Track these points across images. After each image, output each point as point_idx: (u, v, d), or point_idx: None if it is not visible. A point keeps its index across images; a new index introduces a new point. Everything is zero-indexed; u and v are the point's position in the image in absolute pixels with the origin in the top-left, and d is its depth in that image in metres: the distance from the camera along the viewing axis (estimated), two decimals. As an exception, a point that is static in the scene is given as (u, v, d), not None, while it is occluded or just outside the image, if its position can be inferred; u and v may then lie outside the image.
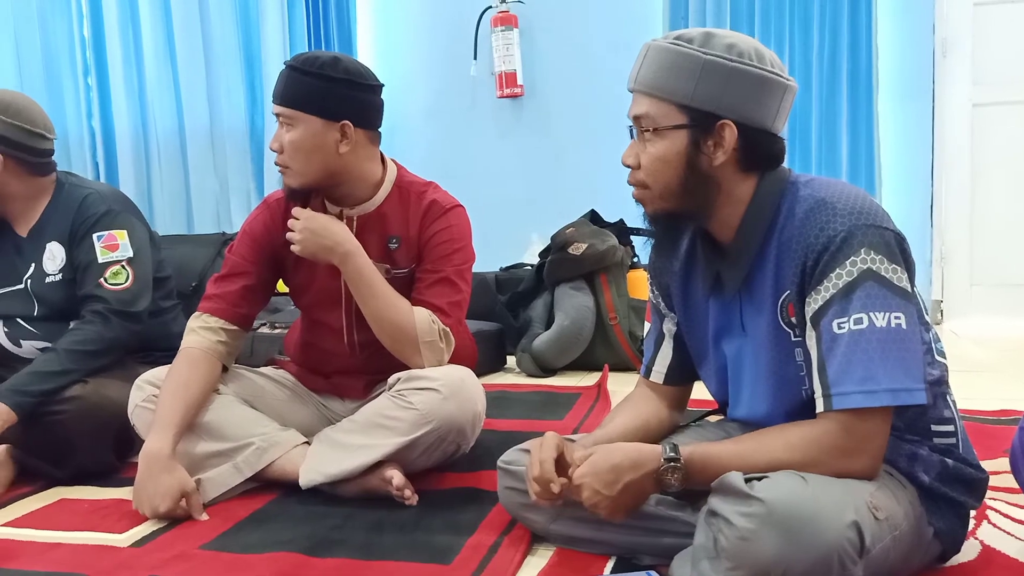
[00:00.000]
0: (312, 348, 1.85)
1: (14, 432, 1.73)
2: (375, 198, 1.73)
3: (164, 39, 3.89)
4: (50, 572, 1.35)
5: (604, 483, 1.15)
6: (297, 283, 1.81)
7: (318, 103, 1.62)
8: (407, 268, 1.74)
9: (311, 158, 1.64)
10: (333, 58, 1.64)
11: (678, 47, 1.16)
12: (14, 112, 1.89)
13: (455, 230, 1.74)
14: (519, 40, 3.59)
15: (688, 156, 1.16)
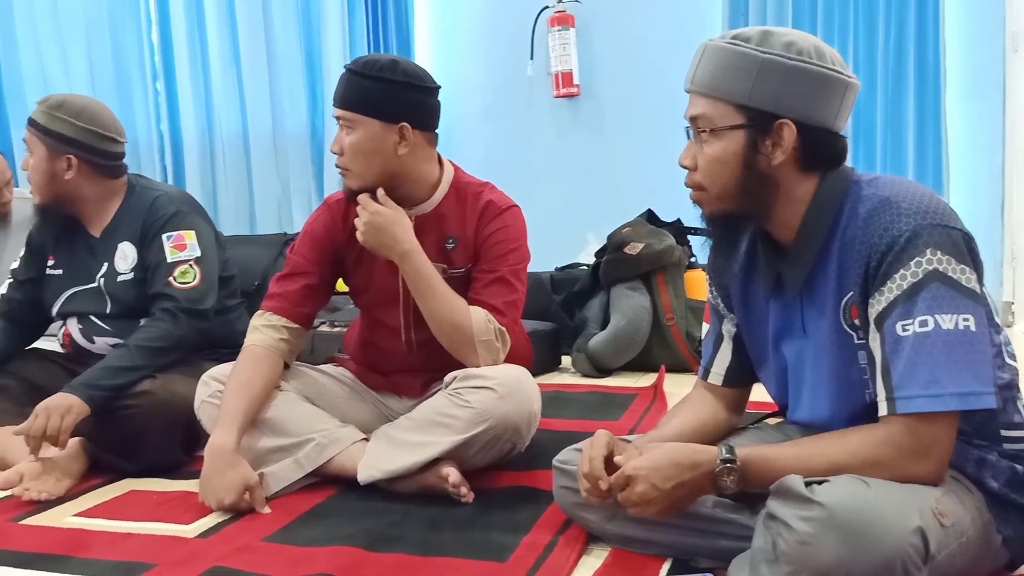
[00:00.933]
0: (371, 346, 1.88)
1: (87, 425, 1.79)
2: (432, 199, 1.75)
3: (229, 45, 3.99)
4: (122, 561, 1.40)
5: (661, 477, 1.14)
6: (356, 282, 1.84)
7: (377, 106, 1.64)
8: (463, 268, 1.75)
9: (370, 160, 1.66)
10: (392, 61, 1.66)
11: (735, 46, 1.14)
12: (87, 117, 1.97)
13: (511, 230, 1.75)
14: (576, 40, 3.59)
15: (745, 156, 1.15)
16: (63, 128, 1.94)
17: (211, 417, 1.71)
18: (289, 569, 1.33)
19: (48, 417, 1.72)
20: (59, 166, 1.96)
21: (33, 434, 1.71)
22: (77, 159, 1.96)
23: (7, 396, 1.99)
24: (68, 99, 1.99)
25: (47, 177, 1.97)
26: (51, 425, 1.71)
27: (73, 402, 1.75)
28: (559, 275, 3.30)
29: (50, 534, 1.54)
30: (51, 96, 2.00)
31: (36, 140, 1.96)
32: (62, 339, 2.10)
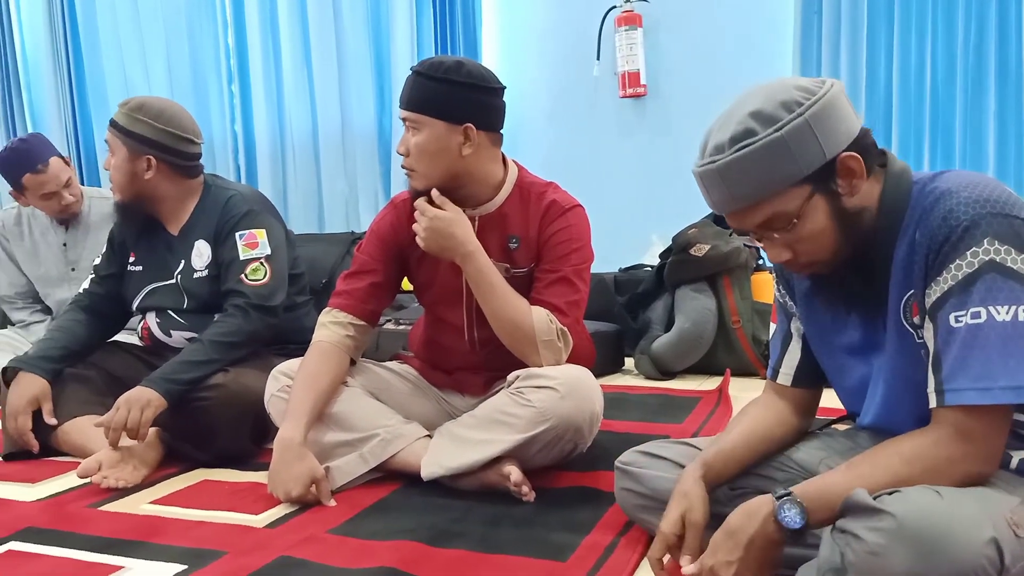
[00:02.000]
0: (434, 344, 1.90)
1: (163, 417, 1.86)
2: (496, 199, 1.76)
3: (301, 47, 4.07)
4: (194, 548, 1.44)
5: (728, 550, 1.11)
6: (421, 281, 1.86)
7: (442, 107, 1.66)
8: (526, 267, 1.76)
9: (435, 161, 1.68)
10: (457, 63, 1.67)
11: (753, 145, 1.09)
12: (166, 119, 2.03)
13: (574, 230, 1.75)
14: (643, 40, 3.56)
15: (833, 211, 1.12)
16: (143, 130, 2.02)
17: (280, 411, 1.75)
18: (352, 561, 1.35)
19: (129, 410, 1.79)
20: (139, 166, 2.03)
21: (114, 426, 1.78)
22: (156, 159, 2.03)
23: (89, 386, 2.08)
24: (148, 101, 2.06)
25: (128, 177, 2.04)
26: (131, 418, 1.78)
27: (152, 396, 1.82)
28: (623, 276, 3.28)
29: (127, 520, 1.60)
30: (132, 99, 2.07)
31: (118, 141, 2.04)
32: (141, 332, 2.18)
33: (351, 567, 1.33)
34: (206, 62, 4.28)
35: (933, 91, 3.21)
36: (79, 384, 2.06)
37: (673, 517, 1.22)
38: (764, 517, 1.09)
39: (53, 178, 2.62)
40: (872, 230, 1.14)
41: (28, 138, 2.75)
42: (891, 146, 3.24)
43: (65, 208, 2.68)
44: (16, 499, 1.75)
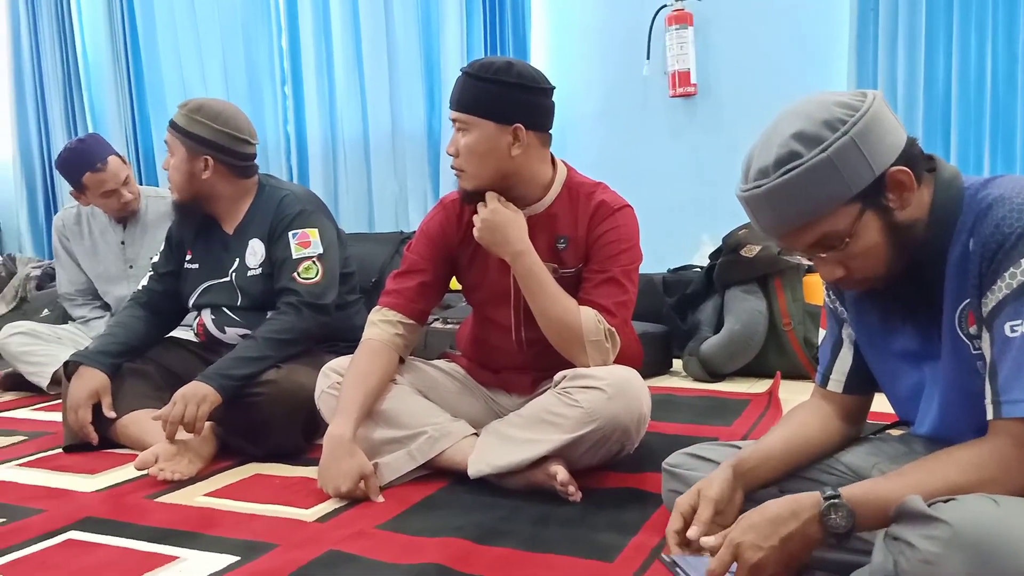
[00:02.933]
0: (482, 343, 1.91)
1: (217, 411, 1.90)
2: (545, 199, 1.77)
3: (352, 50, 4.12)
4: (246, 540, 1.47)
5: (762, 536, 1.09)
6: (470, 281, 1.88)
7: (491, 107, 1.66)
8: (574, 268, 1.76)
9: (485, 161, 1.69)
10: (506, 63, 1.68)
11: (798, 168, 1.07)
12: (223, 120, 2.08)
13: (623, 230, 1.74)
14: (693, 38, 3.53)
15: (885, 227, 1.10)
16: (201, 131, 2.06)
17: (330, 407, 1.77)
18: (401, 556, 1.37)
19: (185, 405, 1.83)
20: (197, 166, 2.08)
21: (171, 420, 1.83)
22: (214, 160, 2.08)
23: (146, 381, 2.13)
24: (206, 103, 2.10)
25: (186, 176, 2.09)
26: (188, 413, 1.82)
27: (207, 391, 1.86)
28: (672, 277, 3.26)
29: (182, 512, 1.63)
30: (191, 100, 2.12)
31: (176, 142, 2.09)
32: (196, 329, 2.23)
33: (399, 563, 1.34)
34: (260, 65, 4.36)
35: (994, 91, 3.12)
36: (137, 378, 2.12)
37: (691, 491, 1.24)
38: (809, 517, 1.08)
39: (112, 176, 2.69)
40: (924, 240, 1.12)
41: (86, 138, 2.83)
42: (950, 149, 3.16)
43: (124, 206, 2.76)
44: (76, 489, 1.80)
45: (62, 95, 4.84)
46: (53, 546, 1.48)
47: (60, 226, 2.94)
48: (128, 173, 2.74)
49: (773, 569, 1.10)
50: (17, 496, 1.76)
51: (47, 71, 4.88)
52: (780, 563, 1.10)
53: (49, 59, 4.85)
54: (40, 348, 2.71)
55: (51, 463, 2.01)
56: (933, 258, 1.13)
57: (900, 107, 3.17)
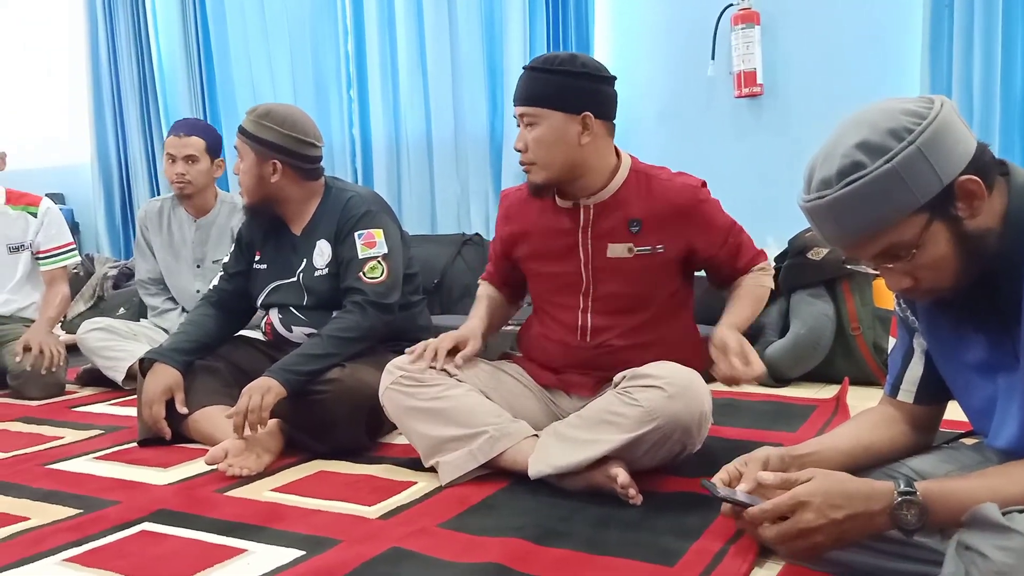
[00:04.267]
0: (544, 340, 1.91)
1: (284, 408, 1.94)
2: (610, 185, 1.78)
3: (417, 52, 4.17)
4: (311, 535, 1.50)
5: (831, 505, 1.07)
6: (535, 268, 1.90)
7: (559, 98, 1.69)
8: (651, 247, 1.77)
9: (554, 151, 1.71)
10: (570, 55, 1.72)
11: (863, 179, 1.04)
12: (290, 124, 2.13)
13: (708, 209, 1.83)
14: (760, 38, 3.47)
15: (954, 237, 1.07)
16: (270, 135, 2.11)
17: (395, 404, 1.80)
18: (461, 555, 1.38)
19: (250, 396, 1.88)
20: (266, 170, 2.13)
21: (237, 411, 1.88)
22: (282, 163, 2.13)
23: (217, 377, 2.19)
24: (274, 108, 2.15)
25: (255, 180, 2.14)
26: (252, 403, 1.87)
27: (272, 384, 1.90)
28: (736, 280, 3.21)
29: (250, 505, 1.67)
30: (259, 106, 2.18)
31: (246, 147, 2.14)
32: (264, 327, 2.28)
33: (459, 561, 1.36)
34: (327, 69, 4.44)
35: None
36: (208, 375, 2.18)
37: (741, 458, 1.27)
38: (880, 509, 1.06)
39: (183, 147, 2.78)
40: (997, 249, 1.08)
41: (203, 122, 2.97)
42: (1029, 151, 3.04)
43: (178, 181, 2.81)
44: (150, 482, 1.86)
45: (138, 101, 5.00)
46: (128, 536, 1.54)
47: (143, 216, 3.04)
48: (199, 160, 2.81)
49: (822, 539, 1.09)
50: (94, 488, 1.83)
51: (124, 78, 5.06)
52: (830, 537, 1.09)
53: (126, 66, 5.02)
54: (117, 344, 2.81)
55: (126, 456, 2.08)
56: (1007, 268, 1.09)
57: (975, 110, 3.06)
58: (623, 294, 1.79)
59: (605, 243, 1.78)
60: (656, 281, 1.80)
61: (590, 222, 1.78)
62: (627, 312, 1.80)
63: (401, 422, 1.82)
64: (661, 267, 1.79)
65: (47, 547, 1.48)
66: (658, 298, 1.81)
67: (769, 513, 1.12)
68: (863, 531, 1.09)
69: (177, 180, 2.82)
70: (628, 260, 1.77)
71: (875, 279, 2.75)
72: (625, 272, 1.78)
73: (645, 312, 1.81)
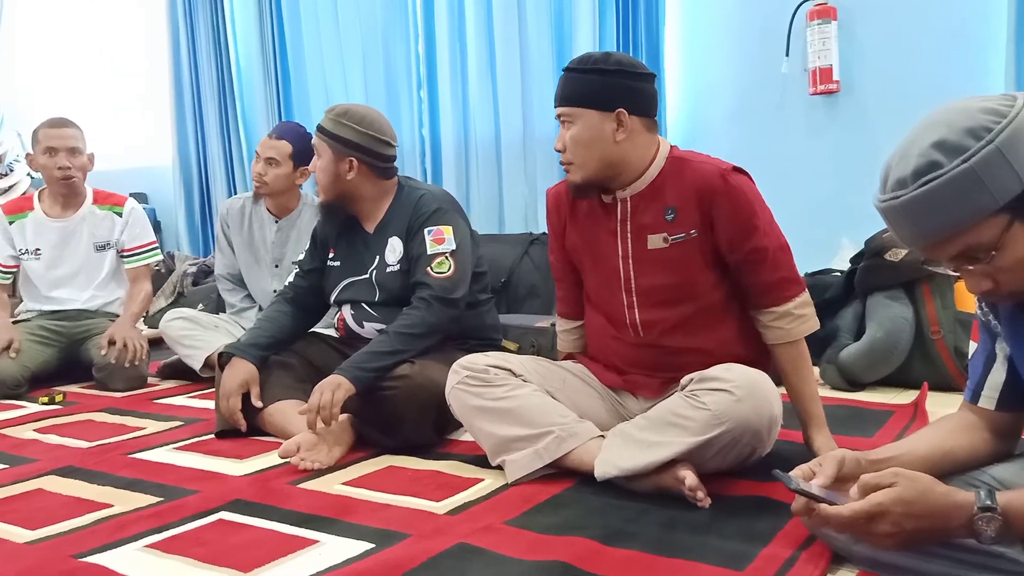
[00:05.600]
0: (601, 338, 1.90)
1: (354, 404, 1.98)
2: (647, 175, 1.76)
3: (486, 53, 4.19)
4: (381, 528, 1.53)
5: (910, 516, 1.05)
6: (581, 265, 1.89)
7: (592, 96, 1.70)
8: (684, 233, 1.74)
9: (590, 150, 1.71)
10: (604, 54, 1.72)
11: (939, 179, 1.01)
12: (367, 123, 2.17)
13: (739, 195, 1.71)
14: (836, 33, 3.39)
15: None
16: (347, 134, 2.16)
17: (461, 403, 1.82)
18: (528, 552, 1.38)
19: (322, 393, 1.92)
20: (342, 168, 2.18)
21: (310, 408, 1.92)
22: (358, 161, 2.18)
23: (290, 372, 2.25)
24: (351, 108, 2.21)
25: (332, 178, 2.19)
26: (324, 399, 1.91)
27: (343, 381, 1.94)
28: (809, 281, 3.10)
29: (321, 498, 1.71)
30: (337, 105, 2.23)
31: (323, 145, 2.19)
32: (336, 324, 2.33)
33: (526, 558, 1.36)
34: (398, 70, 4.50)
35: None
36: (282, 370, 2.23)
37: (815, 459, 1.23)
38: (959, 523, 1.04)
39: (268, 148, 2.90)
40: None
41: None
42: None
43: (256, 179, 2.93)
44: (227, 473, 1.92)
45: (217, 105, 5.16)
46: (206, 525, 1.59)
47: (224, 213, 3.14)
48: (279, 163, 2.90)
49: (892, 543, 1.08)
50: (174, 477, 1.89)
51: (203, 83, 5.22)
52: (901, 543, 1.07)
53: (205, 72, 5.19)
54: (198, 333, 2.91)
55: (204, 447, 2.15)
56: None
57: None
58: (664, 285, 1.76)
59: (644, 235, 1.76)
60: (695, 269, 1.74)
61: (628, 215, 1.77)
62: (671, 304, 1.76)
63: (467, 421, 1.83)
64: (697, 254, 1.74)
65: (129, 533, 1.54)
66: (701, 289, 1.76)
67: (845, 518, 1.09)
68: (939, 538, 1.07)
69: (255, 179, 2.92)
70: (666, 250, 1.74)
71: (956, 281, 2.66)
72: (663, 262, 1.75)
73: (691, 304, 1.76)
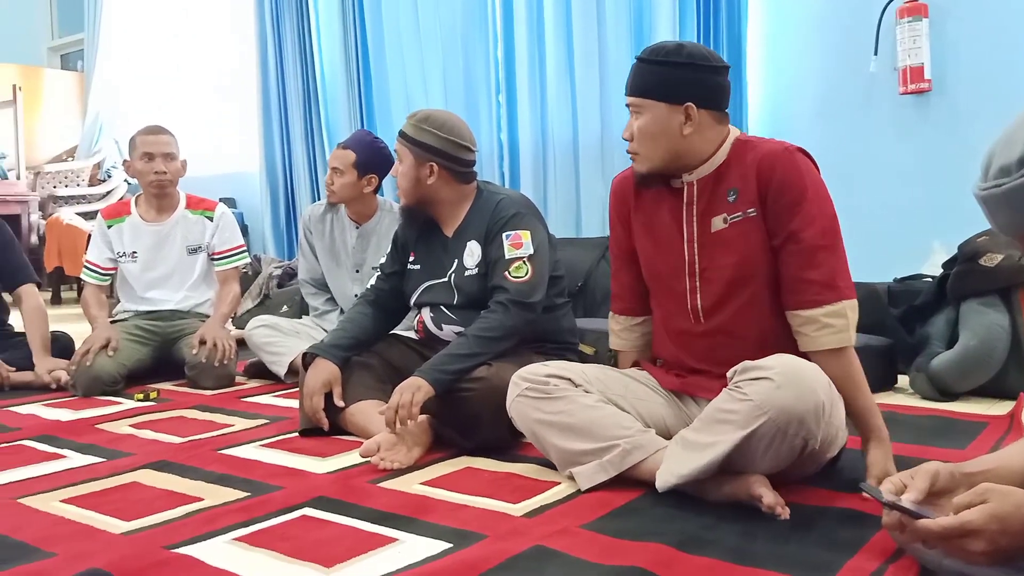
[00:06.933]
0: (662, 330, 1.88)
1: (433, 405, 2.01)
2: (713, 160, 1.74)
3: (565, 56, 4.20)
4: (458, 528, 1.54)
5: (1004, 533, 1.02)
6: (644, 251, 1.87)
7: (661, 88, 1.69)
8: (742, 212, 1.71)
9: (657, 142, 1.71)
10: (678, 45, 1.70)
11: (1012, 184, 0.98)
12: (448, 128, 2.21)
13: (791, 174, 1.65)
14: (928, 31, 3.28)
15: None
16: (429, 139, 2.20)
17: (523, 416, 1.80)
18: (603, 557, 1.38)
19: (402, 394, 1.96)
20: (423, 172, 2.22)
21: (390, 408, 1.96)
22: (439, 166, 2.21)
23: (371, 373, 2.30)
24: (432, 114, 2.24)
25: (413, 182, 2.24)
26: (403, 400, 1.94)
27: (422, 383, 1.97)
28: (898, 287, 3.04)
29: (401, 497, 1.74)
30: (418, 111, 2.27)
31: (405, 150, 2.24)
32: (416, 326, 2.37)
33: (602, 563, 1.36)
34: (477, 75, 4.55)
35: None
36: (363, 371, 2.28)
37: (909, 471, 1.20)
38: None
39: (335, 158, 3.00)
40: None
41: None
42: None
43: (327, 188, 3.03)
44: (310, 470, 1.97)
45: (302, 114, 5.31)
46: (290, 520, 1.63)
47: (307, 219, 3.23)
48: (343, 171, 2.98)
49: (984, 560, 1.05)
50: (261, 473, 1.95)
51: (289, 93, 5.38)
52: (998, 559, 1.04)
53: (291, 82, 5.35)
54: (280, 340, 3.00)
55: (288, 445, 2.21)
56: None
57: None
58: (724, 266, 1.73)
59: (708, 218, 1.74)
60: (755, 250, 1.69)
61: (694, 198, 1.75)
62: (732, 287, 1.73)
63: (531, 433, 1.81)
64: (756, 234, 1.69)
65: (218, 526, 1.60)
66: (761, 272, 1.71)
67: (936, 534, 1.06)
68: None
69: (327, 187, 3.03)
70: (726, 231, 1.72)
71: (1057, 287, 2.53)
72: (724, 243, 1.72)
73: (751, 287, 1.72)
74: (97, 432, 2.42)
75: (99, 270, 3.29)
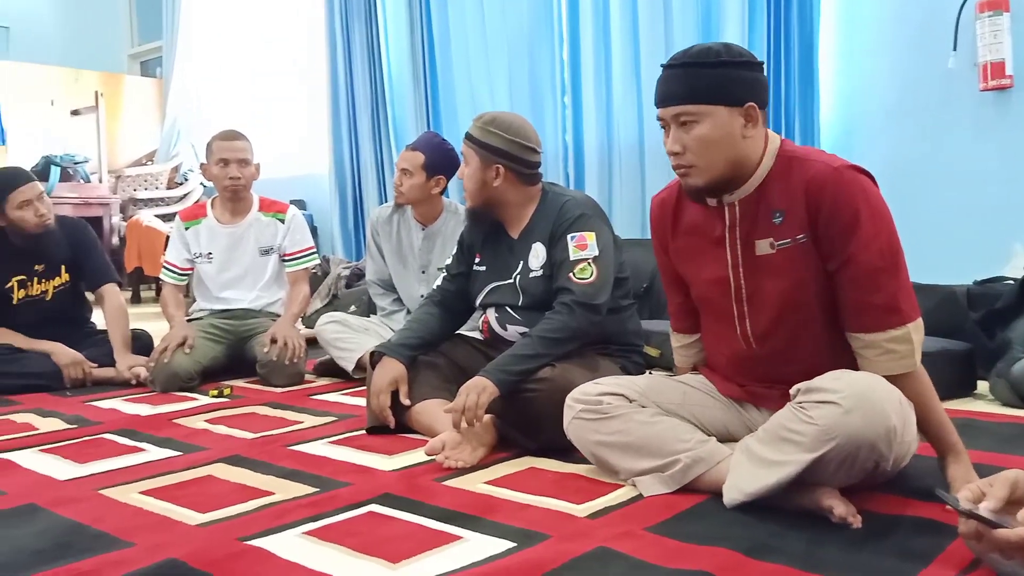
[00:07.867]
0: (716, 349, 1.84)
1: (497, 405, 2.02)
2: (755, 176, 1.65)
3: (631, 58, 4.17)
4: (522, 528, 1.55)
5: None
6: (689, 274, 1.82)
7: (721, 92, 1.58)
8: (790, 239, 1.62)
9: (719, 150, 1.60)
10: (723, 45, 1.61)
11: None
12: (514, 131, 2.22)
13: (846, 196, 1.55)
14: (1010, 26, 3.16)
15: None
16: (495, 141, 2.22)
17: (581, 439, 1.80)
18: (668, 560, 1.37)
19: (467, 395, 1.97)
20: (489, 174, 2.24)
21: (455, 409, 1.98)
22: (505, 168, 2.23)
23: (437, 373, 2.32)
24: (499, 116, 2.26)
25: (479, 184, 2.26)
26: (469, 400, 1.96)
27: (487, 384, 1.99)
28: (978, 289, 2.93)
29: (465, 496, 1.75)
30: (484, 114, 2.29)
31: (471, 152, 2.26)
32: (481, 326, 2.39)
33: (667, 566, 1.35)
34: (542, 77, 4.55)
35: None
36: (430, 370, 2.31)
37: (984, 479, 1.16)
38: None
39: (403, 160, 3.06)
40: None
41: None
42: None
43: (396, 189, 3.09)
44: (377, 467, 2.00)
45: (370, 117, 5.40)
46: (358, 516, 1.66)
47: (374, 220, 3.29)
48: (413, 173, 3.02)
49: None
50: (329, 469, 1.99)
51: (358, 96, 5.47)
52: None
53: (360, 85, 5.44)
54: (349, 336, 3.06)
55: (356, 442, 2.25)
56: None
57: None
58: (774, 293, 1.65)
59: (753, 240, 1.65)
60: (807, 277, 1.62)
61: (736, 220, 1.66)
62: (785, 314, 1.66)
63: (591, 455, 1.81)
64: (808, 258, 1.61)
65: (288, 520, 1.63)
66: (815, 299, 1.63)
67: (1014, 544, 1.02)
68: None
69: (395, 188, 3.07)
70: (773, 256, 1.62)
71: None
72: (772, 269, 1.64)
73: (805, 314, 1.65)
74: (174, 427, 2.50)
75: (177, 270, 3.40)
